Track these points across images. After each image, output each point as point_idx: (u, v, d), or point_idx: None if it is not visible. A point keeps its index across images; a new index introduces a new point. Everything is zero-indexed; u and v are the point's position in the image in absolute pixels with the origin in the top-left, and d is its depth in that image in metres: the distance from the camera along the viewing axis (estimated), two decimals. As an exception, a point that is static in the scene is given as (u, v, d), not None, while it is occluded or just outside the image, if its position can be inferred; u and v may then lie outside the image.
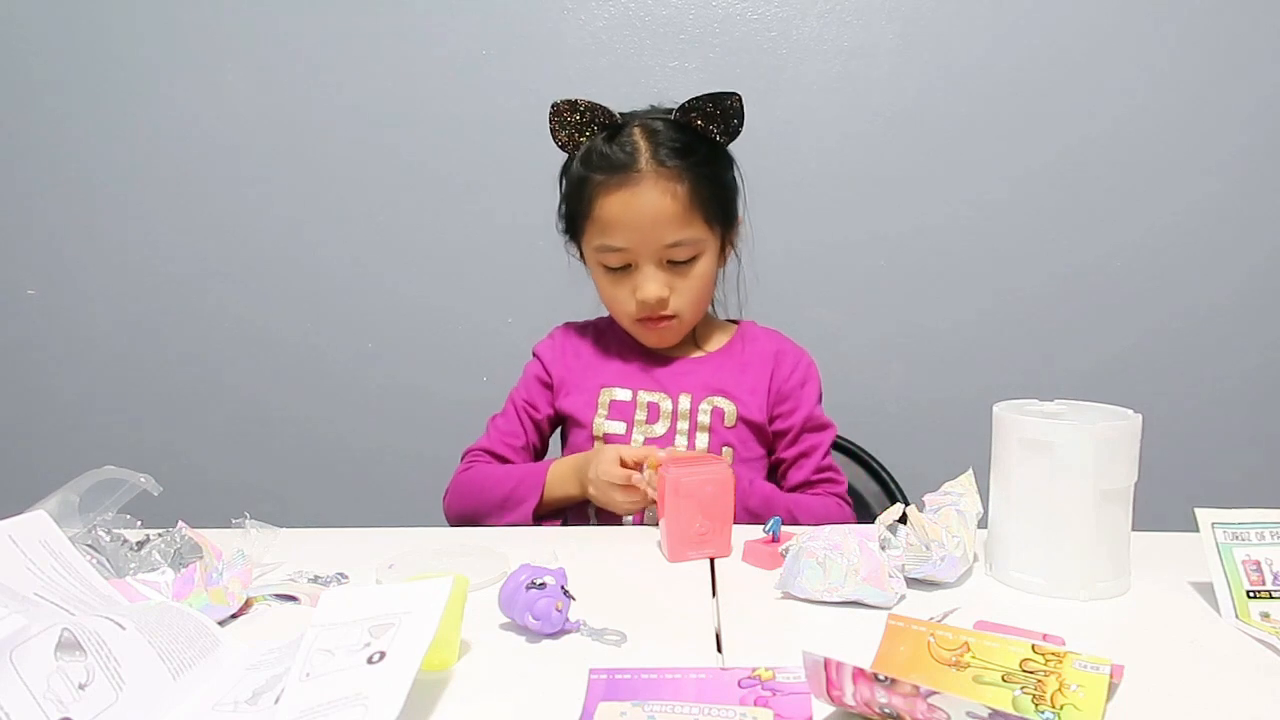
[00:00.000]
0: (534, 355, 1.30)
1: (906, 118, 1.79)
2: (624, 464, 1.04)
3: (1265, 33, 1.73)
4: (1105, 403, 0.87)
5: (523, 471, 1.17)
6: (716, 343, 1.27)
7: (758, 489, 1.14)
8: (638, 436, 1.19)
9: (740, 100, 1.14)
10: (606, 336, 1.28)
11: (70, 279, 1.92)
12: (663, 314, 1.17)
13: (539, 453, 1.28)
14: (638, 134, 1.14)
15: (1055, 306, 1.83)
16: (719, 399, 1.20)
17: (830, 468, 1.22)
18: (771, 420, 1.22)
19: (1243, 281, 1.81)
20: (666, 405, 1.20)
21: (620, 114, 1.17)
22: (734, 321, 1.31)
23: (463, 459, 1.25)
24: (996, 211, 1.81)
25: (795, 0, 1.77)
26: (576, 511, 1.18)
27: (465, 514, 1.18)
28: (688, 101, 1.14)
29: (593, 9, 1.79)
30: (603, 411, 1.21)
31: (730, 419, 1.19)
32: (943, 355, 1.85)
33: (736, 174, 1.21)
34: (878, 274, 1.84)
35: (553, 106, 1.16)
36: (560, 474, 1.14)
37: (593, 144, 1.15)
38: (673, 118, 1.15)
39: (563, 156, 1.20)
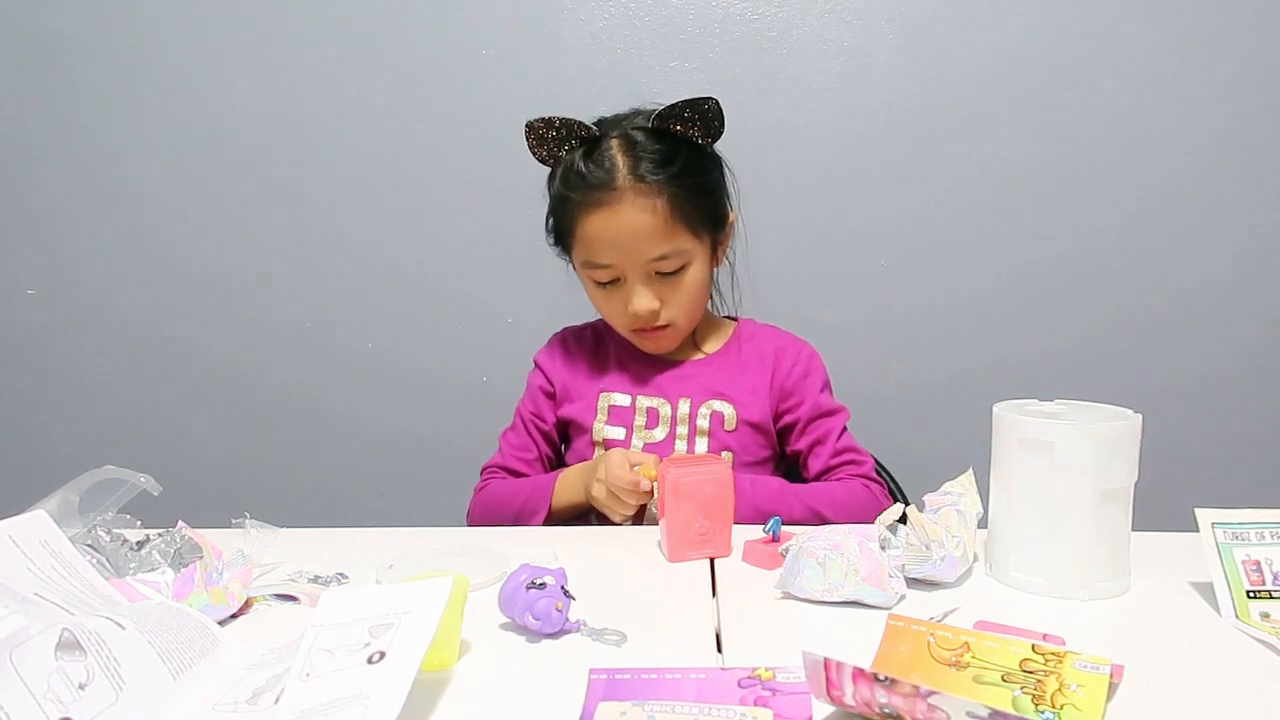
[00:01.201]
0: (535, 365, 1.29)
1: (906, 117, 1.79)
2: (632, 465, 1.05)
3: (1263, 33, 1.73)
4: (1105, 403, 0.87)
5: (532, 485, 1.18)
6: (715, 344, 1.27)
7: (765, 484, 1.13)
8: (637, 442, 1.19)
9: (717, 104, 1.11)
10: (606, 340, 1.28)
11: (70, 279, 1.92)
12: (656, 324, 1.16)
13: (553, 463, 1.28)
14: (615, 148, 1.11)
15: (1056, 306, 1.83)
16: (718, 403, 1.20)
17: (850, 449, 1.19)
18: (778, 418, 1.21)
19: (1243, 282, 1.81)
20: (666, 410, 1.20)
21: (602, 119, 1.16)
22: (732, 319, 1.31)
23: (480, 476, 1.25)
24: (996, 211, 1.81)
25: (795, 0, 1.77)
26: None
27: None
28: (665, 109, 1.11)
29: (593, 9, 1.79)
30: (602, 417, 1.21)
31: (730, 422, 1.19)
32: (943, 355, 1.85)
33: (725, 172, 1.19)
34: (878, 274, 1.84)
35: (528, 125, 1.13)
36: (566, 482, 1.14)
37: (571, 161, 1.13)
38: (650, 125, 1.12)
39: None
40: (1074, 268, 1.81)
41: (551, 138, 1.14)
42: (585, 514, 1.18)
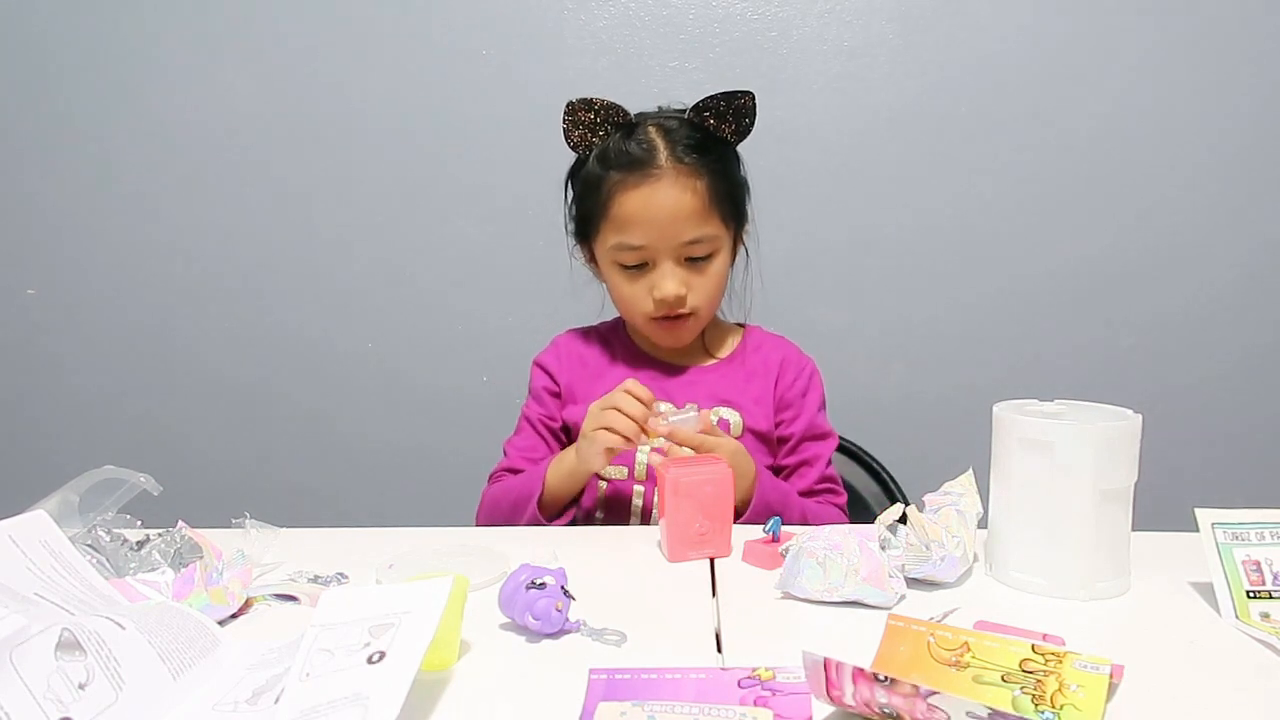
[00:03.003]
0: (537, 367, 1.28)
1: (906, 117, 1.79)
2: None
3: (1264, 33, 1.73)
4: (1105, 403, 0.87)
5: (526, 474, 1.16)
6: (724, 349, 1.26)
7: (778, 485, 1.13)
8: (643, 447, 1.18)
9: (753, 99, 1.14)
10: (613, 343, 1.27)
11: (70, 279, 1.92)
12: (680, 311, 1.16)
13: None
14: (653, 132, 1.14)
15: (1055, 306, 1.83)
16: (725, 410, 1.19)
17: (832, 479, 1.21)
18: (775, 427, 1.22)
19: (1243, 281, 1.81)
20: None
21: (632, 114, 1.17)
22: (741, 325, 1.31)
23: (488, 482, 1.24)
24: (996, 211, 1.81)
25: (795, 0, 1.77)
26: (579, 512, 1.17)
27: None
28: (701, 100, 1.14)
29: (593, 9, 1.79)
30: None
31: (736, 429, 1.19)
32: (943, 355, 1.85)
33: (745, 174, 1.21)
34: (878, 274, 1.84)
35: (568, 105, 1.15)
36: (558, 458, 1.13)
37: (609, 142, 1.14)
38: (686, 116, 1.15)
39: (568, 157, 1.20)
40: (1075, 268, 1.81)
41: (588, 121, 1.15)
42: (586, 515, 1.17)
